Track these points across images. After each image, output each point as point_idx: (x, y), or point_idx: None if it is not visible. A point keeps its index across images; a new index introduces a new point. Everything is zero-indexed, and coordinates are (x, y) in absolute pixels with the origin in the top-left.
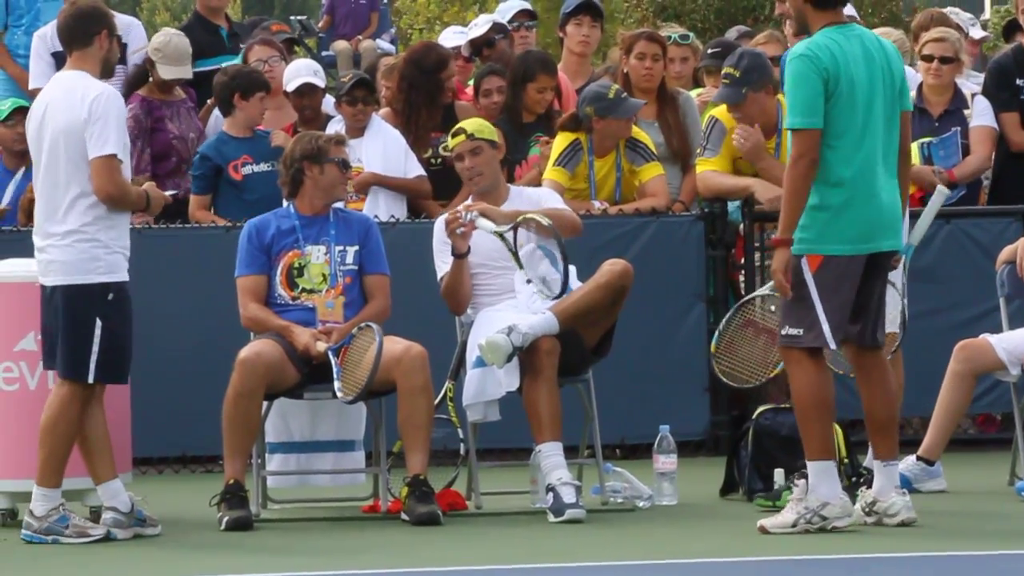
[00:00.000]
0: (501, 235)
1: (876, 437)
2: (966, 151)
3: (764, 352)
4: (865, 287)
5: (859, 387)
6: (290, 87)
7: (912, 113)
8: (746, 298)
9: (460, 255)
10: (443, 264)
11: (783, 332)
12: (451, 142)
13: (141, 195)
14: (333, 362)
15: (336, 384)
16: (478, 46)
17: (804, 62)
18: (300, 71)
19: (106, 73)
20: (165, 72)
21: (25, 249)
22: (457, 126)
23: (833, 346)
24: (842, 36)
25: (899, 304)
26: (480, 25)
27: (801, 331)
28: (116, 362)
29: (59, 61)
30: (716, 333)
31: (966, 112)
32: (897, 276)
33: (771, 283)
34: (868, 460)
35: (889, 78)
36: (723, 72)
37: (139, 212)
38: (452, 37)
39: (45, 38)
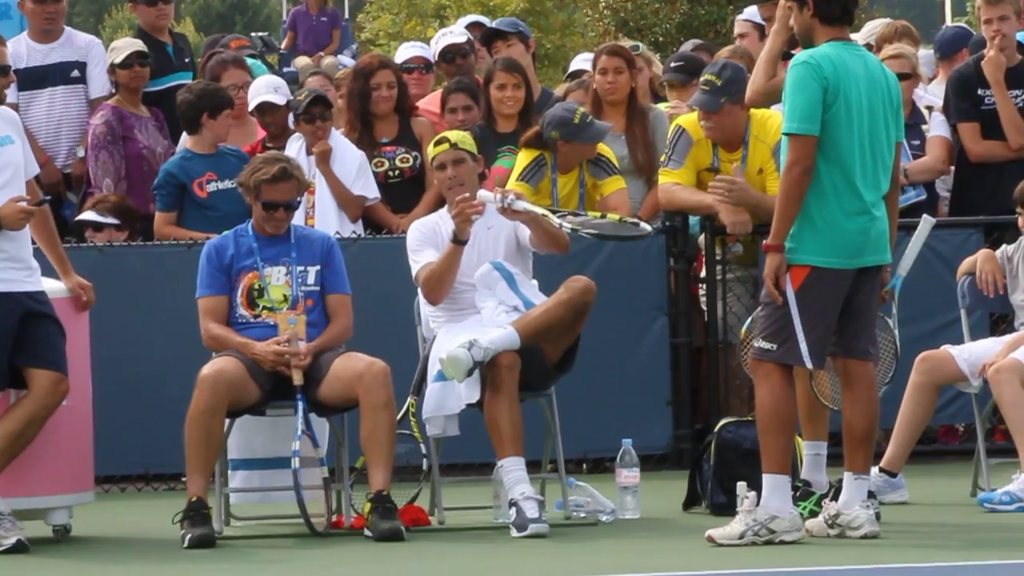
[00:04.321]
0: (546, 212)
1: (852, 449)
2: None
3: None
4: (856, 298)
5: (843, 396)
6: (251, 105)
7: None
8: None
9: (461, 241)
10: (420, 260)
11: (756, 344)
12: (433, 150)
13: None
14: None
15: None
16: (451, 54)
17: (806, 69)
18: (260, 89)
19: None
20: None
21: None
22: (441, 135)
23: (810, 366)
24: (846, 52)
25: (893, 337)
26: (456, 33)
27: (775, 346)
28: None
29: None
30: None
31: (924, 127)
32: (889, 309)
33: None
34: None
35: (890, 105)
36: (703, 78)
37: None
38: (408, 50)
39: None
